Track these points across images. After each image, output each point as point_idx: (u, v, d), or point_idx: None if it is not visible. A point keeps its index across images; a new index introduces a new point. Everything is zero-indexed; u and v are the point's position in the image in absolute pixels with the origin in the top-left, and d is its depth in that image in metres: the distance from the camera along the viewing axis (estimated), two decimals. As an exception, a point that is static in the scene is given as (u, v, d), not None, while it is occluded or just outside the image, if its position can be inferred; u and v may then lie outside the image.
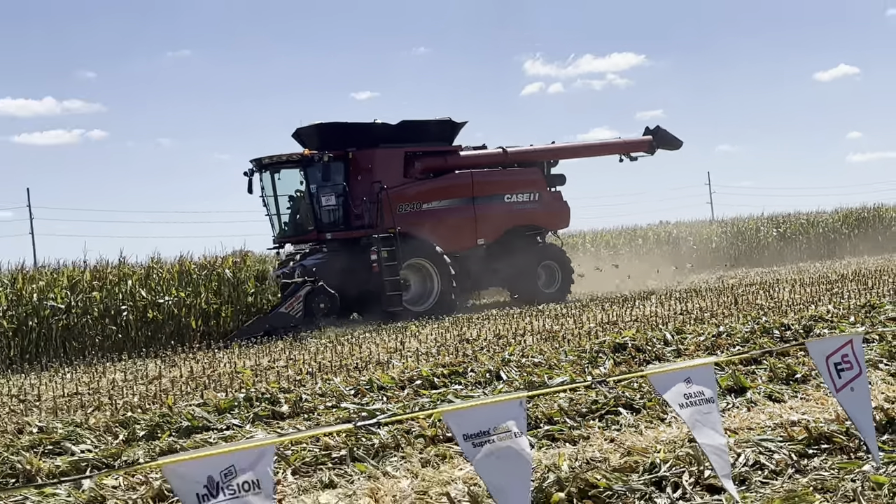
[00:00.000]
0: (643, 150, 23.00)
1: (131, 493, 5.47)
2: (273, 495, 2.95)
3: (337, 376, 9.53)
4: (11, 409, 9.51)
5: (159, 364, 13.01)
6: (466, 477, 5.03)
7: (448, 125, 20.30)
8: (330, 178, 18.78)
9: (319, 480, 5.51)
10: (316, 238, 19.13)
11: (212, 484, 2.84)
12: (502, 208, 20.28)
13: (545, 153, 21.67)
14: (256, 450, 2.95)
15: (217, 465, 2.86)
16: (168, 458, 2.91)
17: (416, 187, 19.43)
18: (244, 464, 2.90)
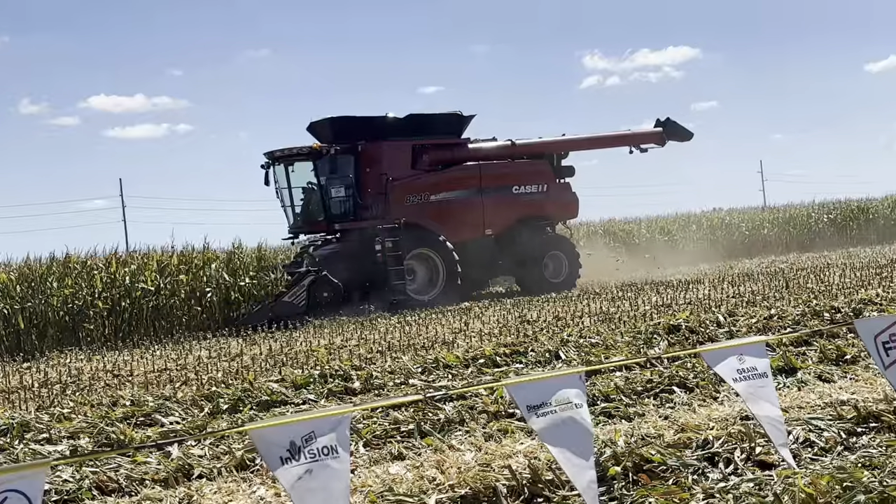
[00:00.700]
0: (653, 141, 22.21)
1: (216, 462, 5.57)
2: (349, 460, 3.01)
3: (405, 355, 9.59)
4: (106, 383, 9.74)
5: (241, 342, 13.21)
6: (527, 451, 5.04)
7: (456, 118, 19.76)
8: (339, 170, 18.46)
9: (389, 452, 5.55)
10: (325, 229, 18.88)
11: (293, 448, 2.92)
12: (510, 199, 19.74)
13: (554, 145, 20.99)
14: (334, 417, 3.01)
15: (298, 431, 2.94)
16: (255, 424, 2.98)
17: (424, 179, 18.95)
18: (323, 430, 2.97)
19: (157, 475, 5.36)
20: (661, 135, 22.18)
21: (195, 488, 5.03)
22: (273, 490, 4.75)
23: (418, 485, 4.49)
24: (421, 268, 18.47)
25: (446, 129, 19.56)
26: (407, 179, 18.69)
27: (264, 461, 2.90)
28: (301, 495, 2.86)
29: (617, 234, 32.51)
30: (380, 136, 18.56)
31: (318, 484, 2.90)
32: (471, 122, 19.98)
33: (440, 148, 19.33)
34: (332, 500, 2.90)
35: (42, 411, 7.63)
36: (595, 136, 22.57)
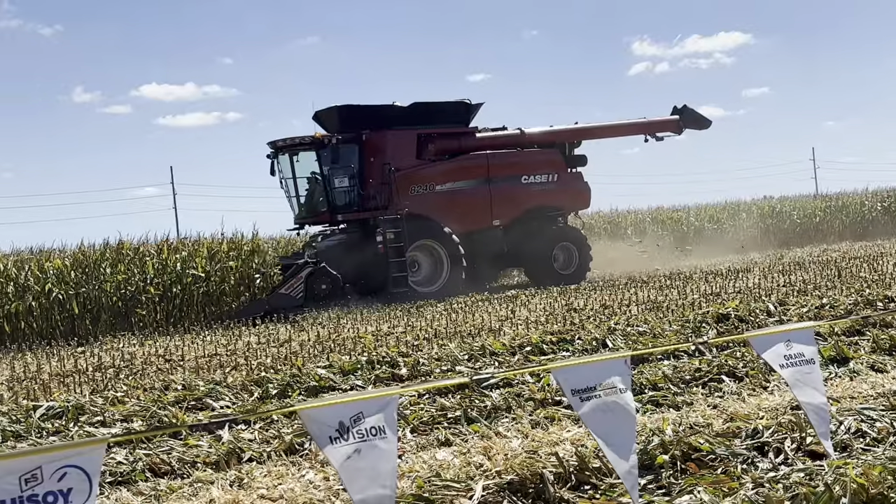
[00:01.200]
0: (670, 130, 21.69)
1: (265, 446, 5.65)
2: (397, 440, 3.05)
3: (452, 342, 9.61)
4: (158, 367, 9.90)
5: (289, 328, 13.34)
6: (574, 439, 5.03)
7: (462, 107, 19.34)
8: (342, 160, 18.06)
9: (436, 438, 5.58)
10: (329, 220, 18.60)
11: (342, 428, 2.96)
12: (519, 190, 19.28)
13: (565, 134, 20.50)
14: (382, 399, 3.05)
15: (347, 412, 2.98)
16: (305, 404, 3.02)
17: (429, 169, 18.61)
18: (371, 411, 3.01)
19: (209, 458, 5.44)
20: (678, 122, 21.63)
21: (245, 471, 5.10)
22: (322, 474, 4.81)
23: (465, 471, 4.51)
24: (425, 259, 18.17)
25: (453, 118, 19.13)
26: (411, 169, 18.33)
27: (314, 440, 2.95)
28: (350, 474, 2.91)
29: (665, 223, 32.23)
30: (384, 126, 18.25)
31: (367, 464, 2.94)
32: (479, 110, 19.53)
33: (446, 137, 18.92)
34: (380, 480, 2.94)
35: (96, 395, 7.78)
36: (609, 125, 21.96)
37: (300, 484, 4.63)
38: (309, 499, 4.18)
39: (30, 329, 15.65)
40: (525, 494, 4.19)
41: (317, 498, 4.17)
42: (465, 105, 19.34)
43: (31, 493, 2.49)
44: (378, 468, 2.95)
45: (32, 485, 2.49)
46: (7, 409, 7.27)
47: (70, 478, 2.53)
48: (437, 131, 18.82)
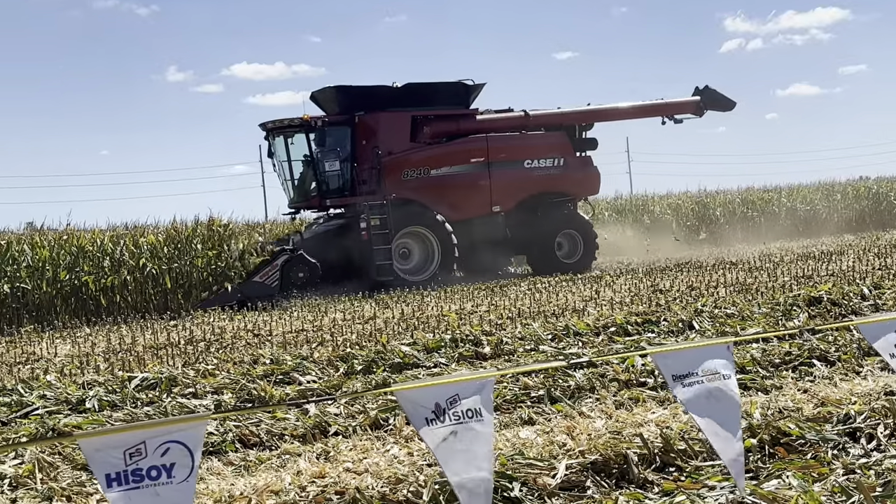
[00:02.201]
0: (689, 111, 20.67)
1: (351, 421, 5.74)
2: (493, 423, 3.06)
3: (535, 321, 9.60)
4: (247, 342, 10.14)
5: (374, 306, 13.49)
6: (659, 420, 4.99)
7: (461, 87, 18.47)
8: (332, 143, 17.41)
9: (519, 417, 5.60)
10: (319, 205, 17.96)
11: (438, 409, 2.99)
12: (521, 174, 18.44)
13: (573, 116, 19.57)
14: (478, 382, 3.07)
15: (443, 393, 3.00)
16: (401, 385, 3.07)
17: (424, 153, 17.85)
18: (467, 393, 3.03)
19: (296, 431, 5.56)
20: (699, 104, 20.59)
21: (332, 445, 5.20)
22: (406, 449, 4.87)
23: (548, 450, 4.52)
24: (417, 247, 17.51)
25: (451, 99, 18.34)
26: (404, 153, 17.65)
27: (411, 422, 2.99)
28: (446, 456, 2.93)
29: (755, 204, 31.55)
30: (378, 107, 17.59)
31: (463, 446, 2.96)
32: (481, 91, 18.69)
33: (443, 119, 18.11)
34: (476, 462, 2.96)
35: (188, 367, 8.01)
36: (622, 107, 20.76)
37: (385, 458, 4.70)
38: (393, 473, 4.24)
39: (125, 302, 16.17)
40: (608, 475, 4.18)
41: (401, 473, 4.23)
42: (464, 86, 18.48)
43: (136, 466, 2.57)
44: (474, 451, 2.97)
45: (136, 459, 2.57)
46: (103, 379, 7.54)
47: (172, 452, 2.60)
48: (433, 113, 18.05)
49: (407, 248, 17.45)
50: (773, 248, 21.02)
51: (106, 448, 2.55)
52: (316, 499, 4.03)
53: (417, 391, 2.99)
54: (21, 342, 11.85)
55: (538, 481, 4.06)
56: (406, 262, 17.35)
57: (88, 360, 9.25)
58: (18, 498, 4.55)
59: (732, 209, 30.76)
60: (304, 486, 4.21)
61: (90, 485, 4.65)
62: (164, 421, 2.69)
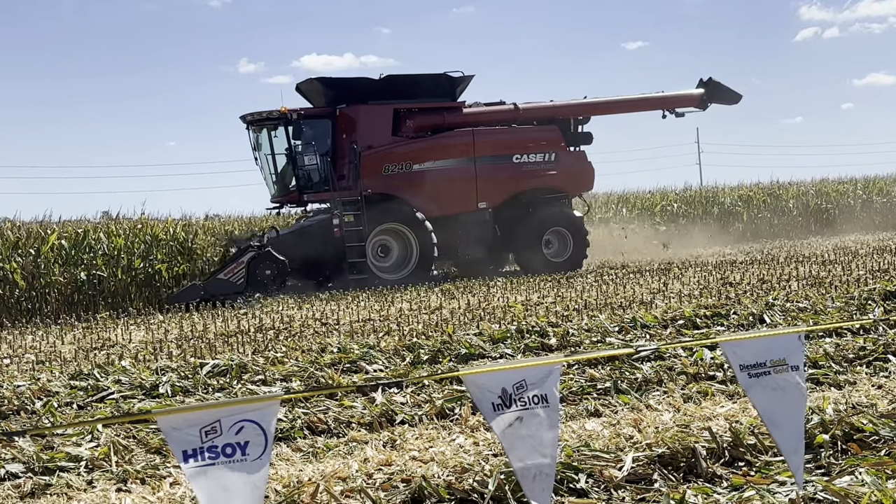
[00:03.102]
0: (692, 105, 19.83)
1: (417, 410, 5.79)
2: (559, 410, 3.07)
3: (602, 313, 9.55)
4: (315, 330, 10.26)
5: (440, 296, 13.54)
6: (728, 414, 4.93)
7: (445, 80, 17.78)
8: (312, 136, 16.94)
9: (585, 409, 5.58)
10: (297, 200, 17.47)
11: (505, 395, 3.00)
12: (510, 170, 17.72)
13: (566, 109, 18.76)
14: (545, 367, 3.07)
15: (511, 379, 3.02)
16: (468, 370, 3.09)
17: (407, 147, 17.26)
18: (534, 379, 3.03)
19: (363, 419, 5.62)
20: (701, 97, 19.77)
21: (398, 433, 5.25)
22: (472, 439, 4.89)
23: (615, 442, 4.50)
24: (396, 244, 17.02)
25: (435, 91, 17.71)
26: (385, 147, 17.10)
27: (477, 406, 3.01)
28: (511, 442, 2.95)
29: (830, 196, 30.87)
30: (360, 100, 17.13)
31: (529, 432, 2.97)
32: (468, 84, 18.06)
33: (427, 112, 17.56)
34: (542, 449, 2.97)
35: (258, 354, 8.15)
36: (620, 99, 19.98)
37: (450, 448, 4.72)
38: (459, 462, 4.26)
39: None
40: (676, 468, 4.14)
41: (467, 462, 4.25)
42: (448, 78, 17.84)
43: (211, 444, 2.64)
44: (540, 437, 2.98)
45: (212, 437, 2.65)
46: (176, 365, 7.72)
47: (247, 431, 2.68)
48: (417, 106, 17.51)
49: (385, 245, 16.98)
50: (848, 241, 20.54)
51: (183, 426, 2.64)
52: (382, 486, 4.07)
53: (485, 376, 3.01)
54: (97, 328, 12.17)
55: (604, 473, 4.04)
56: (385, 260, 16.90)
57: (162, 347, 9.46)
58: (94, 479, 4.68)
59: (806, 201, 30.14)
60: (370, 473, 4.26)
61: (163, 468, 4.76)
62: (238, 400, 2.76)
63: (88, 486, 4.58)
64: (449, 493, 3.92)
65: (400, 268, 16.85)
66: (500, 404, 2.97)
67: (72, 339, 11.04)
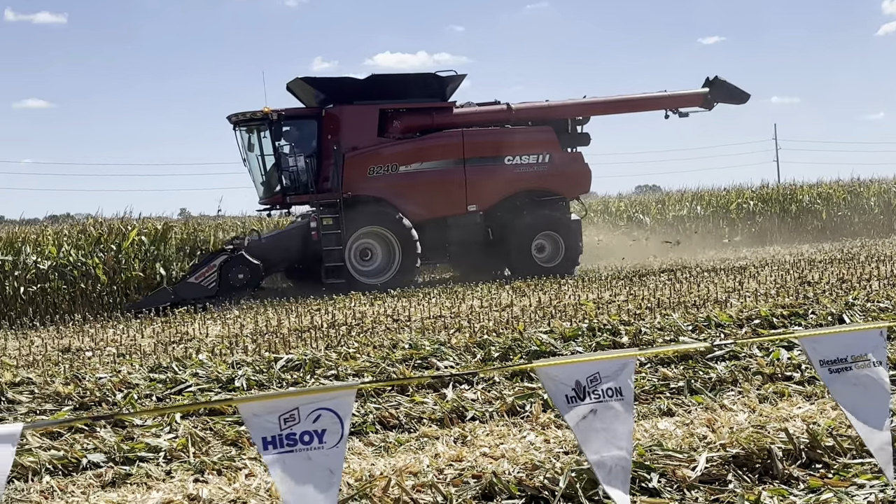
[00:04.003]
0: (696, 104, 18.97)
1: (487, 406, 5.79)
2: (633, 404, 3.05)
3: (675, 312, 9.43)
4: (387, 326, 10.34)
5: (511, 294, 13.52)
6: (805, 415, 4.83)
7: (434, 79, 17.22)
8: (295, 138, 16.56)
9: (658, 408, 5.52)
10: (281, 203, 16.98)
11: (579, 388, 3.00)
12: (501, 171, 17.12)
13: (562, 110, 18.09)
14: (619, 360, 3.06)
15: (585, 372, 3.01)
16: (542, 362, 3.09)
17: (393, 148, 16.70)
18: (608, 372, 3.02)
19: (433, 415, 5.65)
20: (706, 96, 18.95)
21: (468, 429, 5.26)
22: (542, 436, 4.88)
23: (688, 442, 4.44)
24: (379, 247, 16.49)
25: (423, 91, 17.16)
26: (370, 148, 16.60)
27: (550, 398, 3.01)
28: (585, 434, 2.94)
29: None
30: (345, 100, 16.68)
31: (602, 424, 2.96)
32: (460, 83, 17.53)
33: (415, 113, 17.05)
34: (615, 441, 2.96)
35: (330, 350, 8.24)
36: (619, 99, 19.22)
37: (521, 444, 4.72)
38: (529, 459, 4.25)
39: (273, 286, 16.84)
40: (751, 469, 4.08)
41: (537, 459, 4.25)
42: (437, 77, 17.26)
43: (290, 431, 2.72)
44: (614, 429, 2.97)
45: (290, 424, 2.73)
46: (251, 359, 7.85)
47: (324, 419, 2.75)
48: (404, 106, 17.00)
49: (369, 249, 16.50)
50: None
51: (263, 412, 2.71)
52: (453, 481, 4.08)
53: (559, 368, 3.01)
54: (175, 322, 12.44)
55: (677, 473, 3.99)
56: (368, 264, 16.44)
57: (237, 341, 9.63)
58: (173, 470, 4.80)
59: (888, 199, 29.31)
60: (441, 468, 4.28)
61: (239, 459, 4.86)
62: (316, 389, 2.82)
63: (167, 477, 4.69)
64: (519, 489, 3.92)
65: (383, 272, 16.40)
66: (574, 397, 2.97)
67: (151, 333, 11.31)
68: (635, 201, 28.09)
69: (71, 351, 9.98)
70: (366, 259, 16.40)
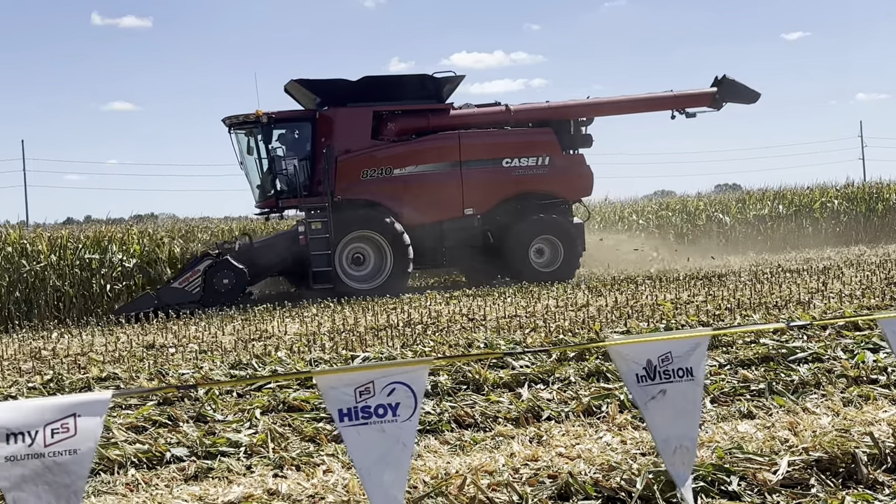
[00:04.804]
0: (703, 104, 18.38)
1: (563, 406, 5.77)
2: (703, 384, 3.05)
3: (756, 313, 9.26)
4: (462, 326, 10.36)
5: (587, 293, 13.44)
6: (892, 419, 4.70)
7: (429, 81, 16.93)
8: (288, 141, 16.45)
9: (738, 410, 5.44)
10: (275, 206, 16.87)
11: (650, 367, 2.99)
12: (499, 174, 16.80)
13: (560, 111, 17.65)
14: (691, 340, 3.05)
15: (656, 351, 3.01)
16: (614, 341, 3.10)
17: (386, 151, 16.46)
18: (680, 352, 3.02)
19: (509, 414, 5.65)
20: (713, 96, 18.27)
21: (544, 429, 5.25)
22: (619, 437, 4.84)
23: (769, 444, 4.36)
24: (372, 252, 16.21)
25: (419, 93, 16.88)
26: (363, 151, 16.37)
27: (621, 378, 3.01)
28: (654, 414, 2.94)
29: None
30: (340, 102, 16.45)
31: (672, 404, 2.95)
32: (458, 84, 17.23)
33: (410, 115, 16.78)
34: (684, 421, 2.95)
35: (406, 348, 8.30)
36: (622, 99, 18.68)
37: (597, 445, 4.69)
38: (606, 460, 4.23)
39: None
40: (835, 473, 3.99)
41: (614, 460, 4.21)
42: (432, 79, 16.98)
43: (365, 404, 2.80)
44: (683, 410, 2.96)
45: (366, 397, 2.81)
46: (328, 357, 7.95)
47: (398, 393, 2.82)
48: (400, 108, 16.77)
49: (361, 254, 16.24)
50: None
51: (339, 385, 2.80)
52: (529, 481, 4.08)
53: (631, 347, 3.02)
54: (255, 320, 12.67)
55: (758, 476, 3.93)
56: (361, 268, 16.18)
57: (315, 339, 9.77)
58: (253, 465, 4.89)
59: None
60: (517, 467, 4.27)
61: (317, 455, 4.92)
62: (390, 363, 2.90)
63: (247, 471, 4.78)
64: (596, 490, 3.90)
65: (375, 277, 16.16)
66: (645, 376, 2.97)
67: (231, 331, 11.54)
68: (714, 200, 27.60)
69: (155, 347, 10.24)
70: (359, 264, 16.16)
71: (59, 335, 12.14)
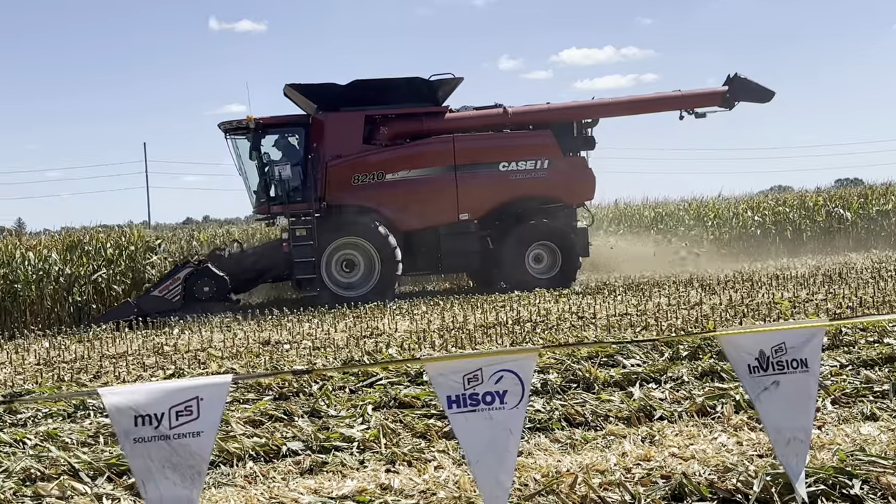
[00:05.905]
0: (714, 104, 17.38)
1: (676, 406, 5.68)
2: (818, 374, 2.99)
3: (879, 312, 8.91)
4: (572, 324, 10.30)
5: (700, 291, 13.18)
6: None
7: (423, 84, 16.27)
8: (281, 146, 16.10)
9: (860, 412, 5.26)
10: (268, 212, 16.39)
11: (762, 357, 2.95)
12: (496, 178, 16.19)
13: (559, 112, 16.91)
14: (806, 331, 2.99)
15: (770, 341, 2.97)
16: (727, 331, 3.05)
17: (379, 155, 15.99)
18: (794, 342, 2.96)
19: (620, 413, 5.60)
20: (724, 95, 17.19)
21: (656, 429, 5.18)
22: (735, 438, 4.74)
23: (893, 448, 4.20)
24: (361, 258, 15.79)
25: (414, 96, 16.30)
26: (354, 156, 15.94)
27: (733, 368, 2.97)
28: (766, 406, 2.88)
29: None
30: (332, 107, 16.03)
31: (785, 396, 2.89)
32: (456, 87, 16.53)
33: (404, 119, 16.28)
34: (798, 413, 2.89)
35: (515, 346, 8.30)
36: (627, 100, 17.91)
37: (712, 446, 4.60)
38: (721, 461, 4.15)
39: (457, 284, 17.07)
40: (966, 480, 3.81)
41: (730, 461, 4.13)
42: (426, 82, 16.33)
43: (473, 391, 2.85)
44: (797, 401, 2.90)
45: (474, 384, 2.85)
46: (438, 354, 8.02)
47: (505, 381, 2.85)
48: (392, 112, 16.28)
49: (351, 261, 15.85)
50: None
51: (448, 372, 2.85)
52: (641, 481, 4.04)
53: (743, 337, 2.97)
54: (366, 317, 12.86)
55: (881, 480, 3.79)
56: (350, 275, 15.81)
57: (425, 336, 9.86)
58: (365, 460, 4.98)
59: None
60: (629, 467, 4.24)
61: (428, 452, 4.98)
62: (499, 351, 2.94)
63: (360, 466, 4.87)
64: (711, 491, 3.83)
65: (364, 284, 15.80)
66: (757, 367, 2.92)
67: (343, 328, 11.75)
68: (835, 195, 26.65)
69: (270, 343, 10.52)
70: (348, 271, 15.85)
71: (179, 331, 12.59)
